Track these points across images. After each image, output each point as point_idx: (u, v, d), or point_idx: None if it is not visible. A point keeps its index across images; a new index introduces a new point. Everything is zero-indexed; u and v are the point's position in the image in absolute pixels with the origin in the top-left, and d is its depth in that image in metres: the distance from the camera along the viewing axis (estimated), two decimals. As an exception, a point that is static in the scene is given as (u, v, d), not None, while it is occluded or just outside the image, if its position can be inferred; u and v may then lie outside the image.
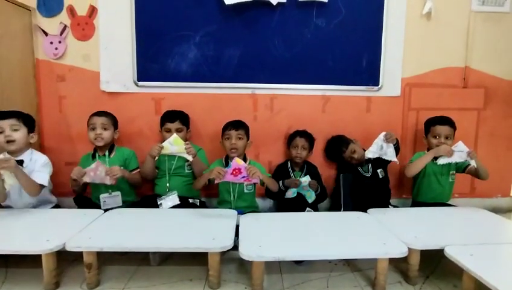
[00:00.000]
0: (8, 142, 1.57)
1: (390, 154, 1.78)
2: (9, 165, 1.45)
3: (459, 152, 1.74)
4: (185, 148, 1.72)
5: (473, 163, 1.77)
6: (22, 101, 1.90)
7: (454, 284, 1.32)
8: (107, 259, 1.45)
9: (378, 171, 1.97)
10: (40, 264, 1.27)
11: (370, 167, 1.98)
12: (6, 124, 1.57)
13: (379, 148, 1.77)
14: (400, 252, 1.23)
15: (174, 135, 1.75)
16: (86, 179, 1.65)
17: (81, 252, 1.28)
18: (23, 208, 1.65)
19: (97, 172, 1.65)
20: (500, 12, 2.12)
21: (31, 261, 1.36)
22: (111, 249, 1.27)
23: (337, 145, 2.02)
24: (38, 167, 1.63)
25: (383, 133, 1.77)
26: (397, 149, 1.87)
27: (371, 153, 1.78)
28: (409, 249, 1.26)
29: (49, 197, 1.75)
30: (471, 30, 2.13)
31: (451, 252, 1.19)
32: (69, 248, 1.25)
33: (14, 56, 1.88)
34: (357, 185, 1.92)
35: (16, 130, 1.59)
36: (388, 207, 1.86)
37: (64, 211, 1.67)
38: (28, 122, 1.65)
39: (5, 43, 1.79)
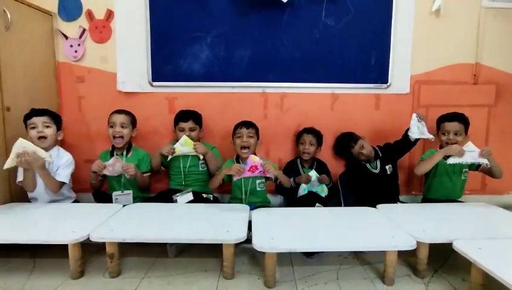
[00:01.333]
0: (40, 138, 1.70)
1: (426, 132, 1.88)
2: (39, 164, 1.59)
3: (470, 152, 1.73)
4: (194, 148, 1.80)
5: (485, 161, 1.74)
6: (44, 101, 2.00)
7: (463, 278, 1.35)
8: (127, 251, 1.53)
9: (387, 167, 1.99)
10: (66, 254, 1.36)
11: (378, 163, 2.00)
12: (40, 120, 1.70)
13: (417, 128, 1.86)
14: (408, 245, 1.27)
15: (184, 137, 1.84)
16: (105, 172, 1.77)
17: (104, 243, 1.36)
18: (47, 200, 1.76)
19: (115, 167, 1.77)
20: (511, 7, 2.11)
21: (57, 252, 1.45)
22: (132, 240, 1.34)
23: (346, 141, 2.05)
24: (63, 164, 1.75)
25: (415, 114, 1.86)
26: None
27: (415, 134, 1.86)
28: (418, 242, 1.29)
29: (68, 193, 1.86)
30: (481, 26, 2.12)
31: (460, 246, 1.22)
32: (93, 239, 1.33)
33: (37, 59, 1.99)
34: (365, 181, 1.95)
35: (47, 126, 1.72)
36: (397, 203, 1.88)
37: (86, 205, 1.76)
38: (57, 121, 1.79)
39: (29, 46, 1.90)
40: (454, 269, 1.42)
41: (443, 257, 1.49)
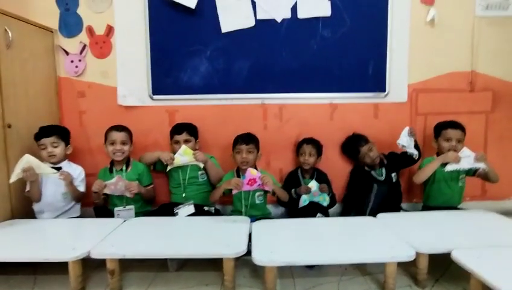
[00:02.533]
0: (50, 156, 1.80)
1: (412, 147, 1.90)
2: (66, 178, 1.75)
3: (466, 157, 1.76)
4: (194, 156, 1.83)
5: (481, 166, 1.77)
6: (46, 116, 2.03)
7: (464, 287, 1.35)
8: (128, 266, 1.53)
9: (392, 175, 2.00)
10: (66, 271, 1.37)
11: (384, 171, 2.01)
12: (48, 141, 1.79)
13: (406, 140, 1.87)
14: (407, 256, 1.27)
15: (183, 146, 1.86)
16: (107, 191, 1.78)
17: (105, 259, 1.37)
18: (55, 210, 1.81)
19: (117, 186, 1.78)
20: (505, 16, 2.15)
21: (57, 269, 1.45)
22: (133, 256, 1.35)
23: (356, 140, 2.04)
24: (79, 176, 1.87)
25: (408, 128, 1.87)
26: (417, 148, 1.95)
27: (404, 141, 1.86)
28: (417, 253, 1.30)
29: (77, 206, 1.91)
30: (476, 34, 2.15)
31: (458, 256, 1.22)
32: (94, 256, 1.34)
33: (39, 75, 2.02)
34: (369, 189, 1.96)
35: (56, 146, 1.81)
36: (400, 211, 1.89)
37: (86, 220, 1.78)
38: (65, 136, 1.88)
39: (30, 63, 1.93)
40: (455, 279, 1.42)
41: (444, 266, 1.49)
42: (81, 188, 1.86)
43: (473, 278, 1.17)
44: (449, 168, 1.79)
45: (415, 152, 1.90)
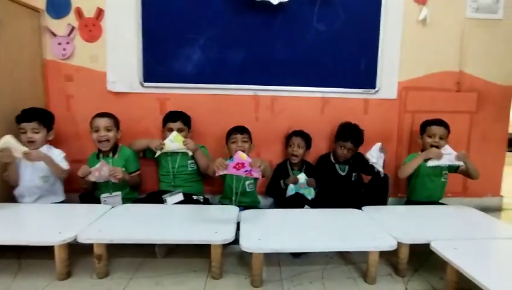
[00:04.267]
0: (29, 142, 1.75)
1: (381, 165, 1.83)
2: (37, 156, 1.68)
3: (447, 155, 1.83)
4: (184, 144, 1.83)
5: (460, 164, 1.85)
6: (31, 100, 1.97)
7: (441, 276, 1.41)
8: (115, 252, 1.53)
9: (353, 174, 2.06)
10: (52, 256, 1.36)
11: (347, 168, 2.06)
12: (29, 126, 1.74)
13: (378, 156, 1.81)
14: (389, 245, 1.32)
15: (174, 132, 1.86)
16: (91, 178, 1.76)
17: (92, 244, 1.36)
18: (35, 195, 1.77)
19: (101, 172, 1.76)
20: (493, 19, 2.21)
21: (42, 253, 1.44)
22: (120, 241, 1.35)
23: (348, 133, 2.01)
24: (58, 157, 1.81)
25: (379, 144, 1.81)
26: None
27: (374, 158, 1.79)
28: (398, 243, 1.35)
29: (59, 189, 1.87)
30: (465, 36, 2.21)
31: (437, 246, 1.28)
32: (80, 240, 1.33)
33: (24, 57, 1.95)
34: (330, 180, 2.02)
35: (36, 132, 1.75)
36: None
37: (73, 206, 1.75)
38: (48, 122, 1.83)
39: (15, 44, 1.86)
40: (433, 269, 1.48)
41: (423, 257, 1.55)
42: (64, 166, 1.81)
43: (449, 267, 1.23)
44: (430, 163, 1.86)
45: (382, 170, 1.83)
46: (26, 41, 1.97)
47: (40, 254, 1.47)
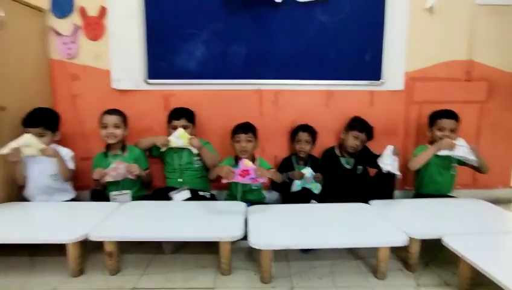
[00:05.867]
0: None
1: (396, 168, 1.75)
2: (54, 152, 1.72)
3: (460, 146, 1.78)
4: (189, 142, 1.83)
5: (473, 159, 1.78)
6: (38, 98, 1.99)
7: (453, 271, 1.39)
8: (125, 248, 1.55)
9: (359, 167, 2.03)
10: (64, 253, 1.38)
11: (353, 161, 2.04)
12: (35, 132, 1.74)
13: (389, 160, 1.74)
14: (400, 241, 1.31)
15: (180, 129, 1.86)
16: (109, 179, 1.77)
17: (102, 242, 1.38)
18: (44, 193, 1.79)
19: (118, 170, 1.78)
20: (505, 5, 2.13)
21: (55, 251, 1.47)
22: (130, 238, 1.37)
23: (357, 124, 2.01)
24: (67, 158, 1.84)
25: (392, 147, 1.75)
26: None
27: (389, 166, 1.71)
28: (409, 238, 1.34)
29: (68, 187, 1.90)
30: (475, 23, 2.14)
31: (449, 241, 1.26)
32: (92, 238, 1.35)
33: (31, 56, 1.96)
34: (335, 173, 2.00)
35: (42, 136, 1.76)
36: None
37: (83, 204, 1.78)
38: (53, 125, 1.83)
39: (20, 44, 1.87)
40: (445, 263, 1.47)
41: (434, 251, 1.53)
42: (70, 165, 1.84)
43: (462, 262, 1.22)
44: (442, 153, 1.82)
45: (399, 173, 1.74)
46: (32, 41, 1.98)
47: (53, 251, 1.49)
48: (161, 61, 2.08)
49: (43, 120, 1.78)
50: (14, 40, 1.81)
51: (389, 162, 1.72)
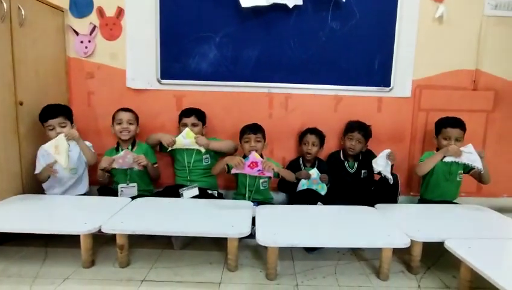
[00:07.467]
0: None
1: (388, 172, 1.80)
2: (74, 135, 1.82)
3: (468, 153, 1.79)
4: (195, 140, 1.89)
5: (479, 165, 1.79)
6: (55, 95, 2.05)
7: (454, 275, 1.42)
8: (135, 243, 1.60)
9: (362, 171, 2.07)
10: (76, 245, 1.44)
11: (356, 165, 2.07)
12: (56, 122, 1.82)
13: (385, 164, 1.78)
14: (402, 243, 1.34)
15: (187, 129, 1.92)
16: (115, 165, 1.85)
17: (114, 234, 1.43)
18: (62, 185, 1.88)
19: (125, 159, 1.85)
20: (513, 16, 2.16)
21: (68, 242, 1.53)
22: (142, 232, 1.42)
23: (356, 126, 2.05)
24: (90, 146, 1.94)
25: (387, 152, 1.79)
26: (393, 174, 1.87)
27: (381, 167, 1.76)
28: (412, 241, 1.37)
29: (85, 180, 1.99)
30: (482, 33, 2.17)
31: (451, 245, 1.29)
32: (104, 230, 1.41)
33: (49, 54, 2.04)
34: (339, 177, 2.03)
35: (63, 126, 1.84)
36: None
37: (96, 198, 1.84)
38: (70, 116, 1.90)
39: (40, 42, 1.94)
40: (446, 267, 1.49)
41: (436, 255, 1.56)
42: (92, 149, 1.94)
43: (463, 265, 1.25)
44: (448, 159, 1.84)
45: (390, 177, 1.78)
46: (51, 40, 2.05)
47: (66, 242, 1.56)
48: (174, 63, 2.14)
49: (61, 110, 1.85)
50: (34, 37, 1.88)
51: (381, 164, 1.77)
